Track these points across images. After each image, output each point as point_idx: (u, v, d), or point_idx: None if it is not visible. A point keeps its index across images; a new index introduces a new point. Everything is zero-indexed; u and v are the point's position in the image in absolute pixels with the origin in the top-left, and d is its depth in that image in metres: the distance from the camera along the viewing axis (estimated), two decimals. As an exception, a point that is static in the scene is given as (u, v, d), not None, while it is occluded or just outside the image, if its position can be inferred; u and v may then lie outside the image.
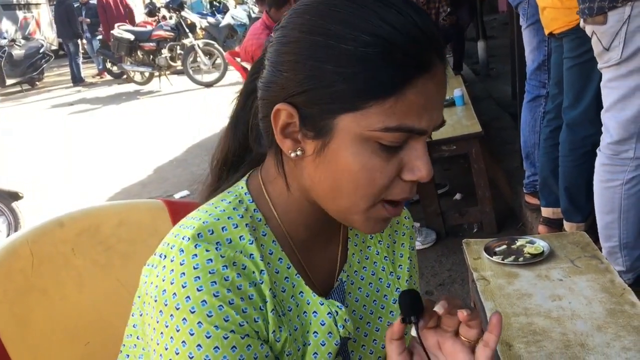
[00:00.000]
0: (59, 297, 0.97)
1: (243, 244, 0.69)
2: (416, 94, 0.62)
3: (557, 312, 1.43)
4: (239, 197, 0.74)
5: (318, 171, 0.68)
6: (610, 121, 2.00)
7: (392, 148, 0.64)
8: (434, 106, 0.65)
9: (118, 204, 1.08)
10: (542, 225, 2.77)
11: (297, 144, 0.68)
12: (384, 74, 0.61)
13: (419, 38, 0.62)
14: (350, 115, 0.63)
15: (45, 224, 0.99)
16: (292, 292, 0.74)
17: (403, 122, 0.63)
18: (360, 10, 0.62)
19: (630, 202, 2.01)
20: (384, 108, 0.62)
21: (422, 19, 0.63)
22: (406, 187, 0.68)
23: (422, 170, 0.66)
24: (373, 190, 0.66)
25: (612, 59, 1.92)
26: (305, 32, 0.64)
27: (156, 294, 0.66)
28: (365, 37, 0.61)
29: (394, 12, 0.62)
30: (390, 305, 0.85)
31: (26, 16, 14.22)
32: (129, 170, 5.22)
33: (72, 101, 9.61)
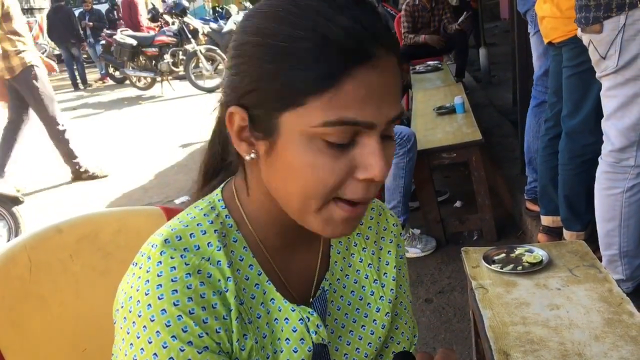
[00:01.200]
0: (57, 304, 0.97)
1: (211, 250, 0.69)
2: (355, 85, 0.61)
3: (555, 322, 1.43)
4: (212, 203, 0.75)
5: (270, 172, 0.68)
6: (611, 129, 2.01)
7: (340, 145, 0.63)
8: (380, 98, 0.63)
9: (117, 211, 1.09)
10: (541, 233, 2.77)
11: (252, 147, 0.68)
12: (318, 68, 0.60)
13: (356, 30, 0.61)
14: (292, 113, 0.63)
15: (43, 230, 0.99)
16: (262, 299, 0.73)
17: (343, 114, 0.61)
18: (301, 10, 0.62)
19: (631, 210, 2.01)
20: (322, 102, 0.61)
21: (365, 13, 0.63)
22: (360, 187, 0.65)
23: (374, 168, 0.63)
24: (323, 190, 0.64)
25: (609, 67, 1.93)
26: (249, 34, 0.65)
27: (123, 301, 0.67)
28: (299, 32, 0.61)
29: (334, 8, 0.62)
30: (374, 313, 0.84)
31: (29, 21, 14.26)
32: (131, 175, 5.22)
33: (75, 106, 9.63)
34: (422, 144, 3.12)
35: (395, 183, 3.04)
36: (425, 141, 3.20)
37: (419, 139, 3.10)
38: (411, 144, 2.98)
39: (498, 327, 1.43)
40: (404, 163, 3.00)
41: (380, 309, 0.85)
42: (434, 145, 3.19)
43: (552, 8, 2.32)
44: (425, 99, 4.36)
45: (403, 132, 2.99)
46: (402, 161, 3.00)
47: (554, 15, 2.32)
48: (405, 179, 3.02)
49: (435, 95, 4.39)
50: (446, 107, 3.79)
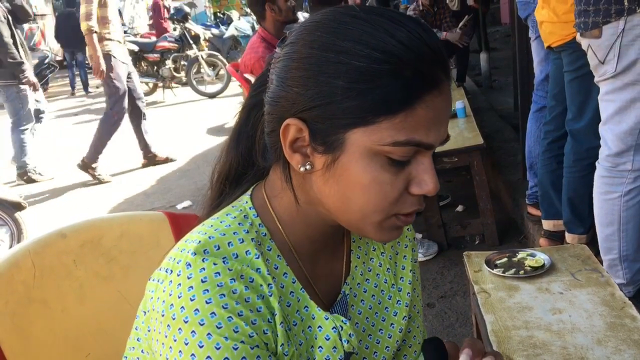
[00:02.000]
0: (61, 309, 0.98)
1: (250, 258, 0.69)
2: (425, 109, 0.64)
3: (557, 326, 1.43)
4: (244, 212, 0.74)
5: (328, 185, 0.69)
6: (608, 134, 2.01)
7: (400, 162, 0.66)
8: (442, 121, 0.67)
9: (120, 216, 1.09)
10: (543, 238, 2.77)
11: (306, 159, 0.69)
12: (395, 90, 0.63)
13: (428, 55, 0.64)
14: (360, 130, 0.64)
15: (47, 235, 0.99)
16: (297, 306, 0.74)
17: (412, 136, 0.64)
18: (371, 28, 0.64)
19: (629, 214, 2.01)
20: (393, 123, 0.64)
21: (430, 37, 0.65)
22: (415, 200, 0.69)
23: (429, 184, 0.68)
24: (384, 204, 0.67)
25: (607, 72, 1.93)
26: (316, 49, 0.65)
27: (163, 309, 0.65)
28: (376, 54, 0.62)
29: (403, 30, 0.64)
30: (391, 317, 0.85)
31: (32, 27, 14.29)
32: (133, 180, 5.23)
33: (77, 111, 9.65)
34: (423, 149, 3.12)
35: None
36: (426, 146, 3.20)
37: (421, 144, 3.10)
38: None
39: (500, 332, 1.43)
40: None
41: (398, 312, 0.86)
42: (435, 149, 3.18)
43: (549, 13, 2.33)
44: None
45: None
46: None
47: (551, 20, 2.34)
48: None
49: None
50: (448, 112, 3.78)
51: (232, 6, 18.03)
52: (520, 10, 2.98)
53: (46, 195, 5.08)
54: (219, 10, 17.97)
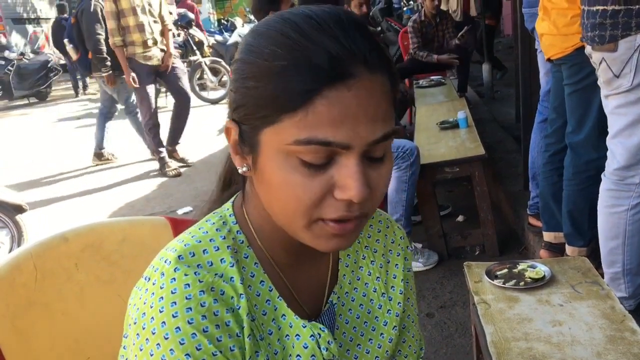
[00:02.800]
0: (61, 312, 0.98)
1: (224, 267, 0.69)
2: (327, 105, 0.60)
3: (557, 338, 1.43)
4: (223, 218, 0.75)
5: (258, 187, 0.69)
6: (617, 147, 2.01)
7: (316, 166, 0.63)
8: (356, 119, 0.61)
9: (122, 220, 1.09)
10: (543, 249, 2.77)
11: (244, 160, 0.69)
12: (292, 86, 0.60)
13: (334, 49, 0.61)
14: (269, 130, 0.63)
15: (49, 238, 1.00)
16: (273, 315, 0.73)
17: (313, 134, 0.60)
18: (285, 26, 0.63)
19: (635, 228, 2.01)
20: (294, 121, 0.61)
21: (349, 33, 0.62)
22: (340, 206, 0.64)
23: (351, 189, 0.62)
24: (300, 208, 0.64)
25: (622, 85, 1.93)
26: (242, 52, 0.67)
27: (136, 317, 0.66)
28: (278, 50, 0.62)
29: (317, 27, 0.62)
30: (381, 327, 0.84)
31: (36, 30, 14.39)
32: (134, 185, 5.23)
33: (79, 115, 9.67)
34: (425, 158, 3.12)
35: (397, 196, 3.04)
36: (428, 155, 3.21)
37: (422, 153, 3.11)
38: (414, 157, 2.98)
39: (500, 343, 1.43)
40: (407, 177, 3.01)
41: (388, 322, 0.85)
42: (436, 159, 3.19)
43: (550, 25, 2.34)
44: (428, 114, 4.37)
45: (406, 146, 2.99)
46: (405, 175, 3.00)
47: (551, 32, 2.34)
48: (407, 192, 3.02)
49: (438, 110, 4.41)
50: (449, 122, 3.80)
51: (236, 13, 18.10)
52: (527, 22, 3.00)
53: (47, 198, 5.08)
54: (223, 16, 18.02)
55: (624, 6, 1.85)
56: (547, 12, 2.35)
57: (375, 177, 0.65)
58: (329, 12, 0.64)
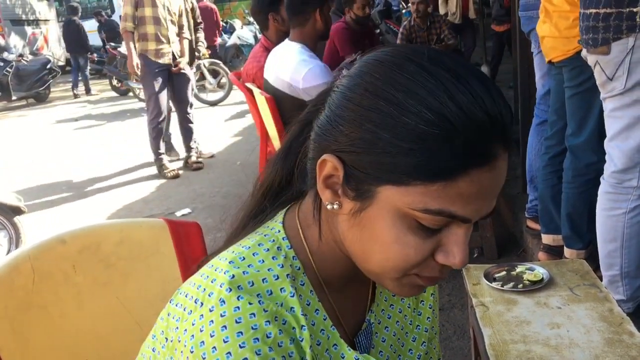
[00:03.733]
0: (59, 314, 0.98)
1: (284, 296, 0.66)
2: (469, 183, 0.59)
3: (555, 340, 1.43)
4: (277, 242, 0.71)
5: (351, 231, 0.66)
6: (614, 150, 2.01)
7: (430, 229, 0.62)
8: (486, 197, 0.61)
9: (120, 222, 1.09)
10: (542, 252, 2.77)
11: (337, 198, 0.66)
12: (439, 158, 0.58)
13: (485, 126, 0.58)
14: (394, 188, 0.61)
15: (47, 240, 0.99)
16: (326, 345, 0.71)
17: (446, 207, 0.60)
18: (431, 83, 0.59)
19: (632, 231, 2.01)
20: (429, 190, 0.59)
21: (494, 101, 0.60)
22: (437, 268, 0.65)
23: (456, 258, 0.63)
24: (404, 265, 0.64)
25: (615, 88, 1.93)
26: (370, 92, 0.62)
27: (192, 345, 0.62)
28: (428, 114, 0.58)
29: (464, 91, 0.59)
30: (410, 343, 0.83)
31: (34, 32, 14.37)
32: (132, 187, 5.23)
33: (77, 117, 9.66)
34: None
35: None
36: (426, 158, 3.20)
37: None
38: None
39: (498, 345, 1.43)
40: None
41: (417, 338, 0.84)
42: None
43: (551, 28, 2.34)
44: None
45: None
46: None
47: (552, 35, 2.34)
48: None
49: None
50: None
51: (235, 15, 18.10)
52: (524, 25, 3.00)
53: (45, 200, 5.07)
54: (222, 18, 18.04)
55: (615, 9, 1.85)
56: (549, 15, 2.35)
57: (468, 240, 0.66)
58: (471, 71, 0.61)
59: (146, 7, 4.94)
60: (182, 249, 1.06)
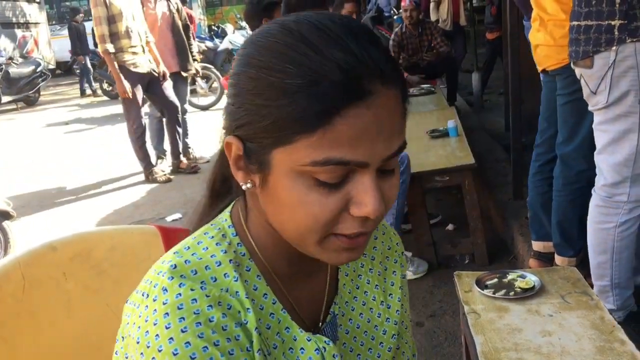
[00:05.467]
0: (49, 322, 0.97)
1: (228, 281, 0.67)
2: (346, 125, 0.58)
3: (547, 348, 1.43)
4: (222, 230, 0.72)
5: (266, 204, 0.67)
6: (603, 164, 2.02)
7: (331, 183, 0.61)
8: (375, 136, 0.60)
9: (111, 229, 1.08)
10: (532, 259, 2.78)
11: (248, 176, 0.67)
12: (307, 107, 0.58)
13: (350, 65, 0.58)
14: (281, 150, 0.61)
15: (37, 247, 0.98)
16: (277, 328, 0.71)
17: (331, 155, 0.59)
18: (294, 40, 0.60)
19: (623, 244, 2.02)
20: (310, 141, 0.59)
21: (362, 45, 0.60)
22: (356, 222, 0.63)
23: (367, 206, 0.61)
24: (316, 226, 0.63)
25: (599, 102, 1.94)
26: (244, 65, 0.64)
27: (138, 336, 0.63)
28: (290, 67, 0.59)
29: (325, 37, 0.60)
30: (380, 336, 0.83)
31: (25, 35, 14.28)
32: (122, 192, 5.20)
33: (68, 120, 9.61)
34: (415, 167, 3.13)
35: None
36: (418, 164, 3.21)
37: (412, 162, 3.11)
38: (404, 166, 2.99)
39: (490, 353, 1.43)
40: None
41: (387, 331, 0.83)
42: (427, 168, 3.19)
43: (546, 36, 2.35)
44: (418, 122, 4.38)
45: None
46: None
47: (547, 43, 2.35)
48: (398, 201, 3.02)
49: (428, 119, 4.42)
50: (439, 131, 3.80)
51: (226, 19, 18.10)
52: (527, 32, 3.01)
53: (34, 205, 5.04)
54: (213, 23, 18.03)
55: (595, 22, 1.86)
56: (544, 24, 2.36)
57: (387, 190, 0.65)
58: (337, 22, 0.62)
59: (119, 22, 4.88)
60: (174, 256, 1.05)
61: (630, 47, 1.83)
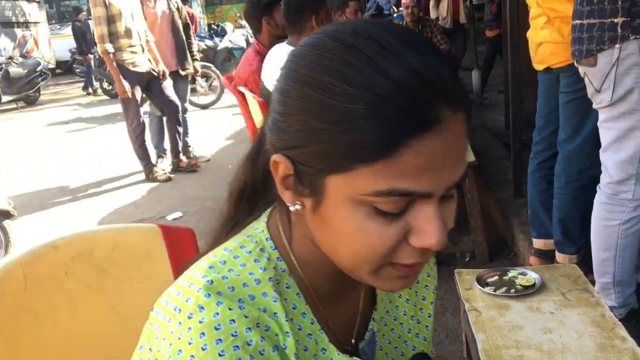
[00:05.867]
0: (51, 321, 0.97)
1: (266, 300, 0.63)
2: (413, 154, 0.54)
3: (547, 345, 1.43)
4: (260, 244, 0.68)
5: (318, 229, 0.63)
6: (608, 161, 2.02)
7: (391, 213, 0.57)
8: (441, 165, 0.56)
9: (113, 228, 1.08)
10: (533, 256, 2.78)
11: (297, 197, 0.63)
12: (371, 135, 0.53)
13: (418, 89, 0.53)
14: (338, 177, 0.57)
15: (39, 247, 0.98)
16: (314, 349, 0.68)
17: (396, 185, 0.55)
18: (354, 58, 0.55)
19: (627, 242, 2.02)
20: (372, 170, 0.54)
21: (427, 63, 0.55)
22: (416, 252, 0.59)
23: (430, 237, 0.57)
24: (373, 256, 0.59)
25: (603, 100, 1.94)
26: (296, 81, 0.59)
27: (170, 354, 0.59)
28: (353, 90, 0.54)
29: (389, 57, 0.55)
30: (410, 352, 0.81)
31: (25, 34, 14.28)
32: (123, 191, 5.21)
33: (68, 120, 9.61)
34: (415, 165, 3.12)
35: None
36: (418, 162, 3.20)
37: (413, 160, 3.10)
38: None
39: (491, 350, 1.43)
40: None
41: (416, 347, 0.81)
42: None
43: (553, 33, 2.33)
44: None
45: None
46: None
47: (554, 40, 2.33)
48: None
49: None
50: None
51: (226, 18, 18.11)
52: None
53: (34, 204, 5.04)
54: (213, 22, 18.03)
55: (598, 20, 1.86)
56: (550, 21, 2.34)
57: (448, 216, 0.61)
58: (398, 36, 0.57)
59: (118, 22, 4.87)
60: (175, 254, 1.05)
61: (634, 45, 1.82)
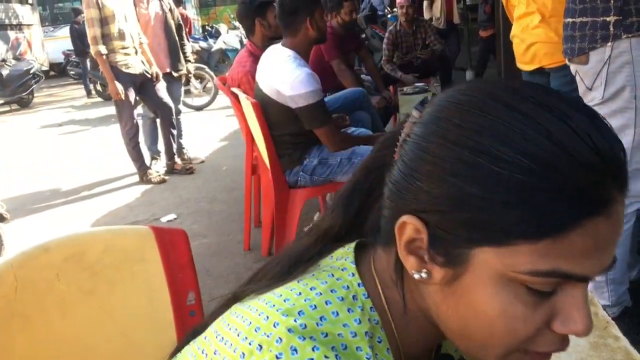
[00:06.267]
0: (42, 324, 0.96)
1: (360, 355, 0.57)
2: (583, 235, 0.49)
3: (541, 345, 1.43)
4: (352, 290, 0.61)
5: (445, 304, 0.57)
6: None
7: (542, 293, 0.52)
8: (604, 248, 0.51)
9: (105, 230, 1.08)
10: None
11: (423, 265, 0.57)
12: (543, 211, 0.49)
13: (596, 167, 0.49)
14: (492, 250, 0.51)
15: (30, 249, 0.98)
16: None
17: (559, 266, 0.50)
18: (522, 123, 0.50)
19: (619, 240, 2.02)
20: (536, 247, 0.50)
21: (602, 136, 0.50)
22: (556, 339, 0.54)
23: (578, 324, 0.52)
24: (511, 341, 0.54)
25: (595, 98, 1.95)
26: (450, 140, 0.53)
27: None
28: (523, 160, 0.49)
29: (564, 127, 0.49)
30: None
31: (18, 36, 14.22)
32: (116, 193, 5.19)
33: (61, 122, 9.58)
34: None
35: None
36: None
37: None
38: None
39: (485, 350, 1.43)
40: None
41: None
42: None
43: (549, 33, 2.33)
44: (412, 121, 4.39)
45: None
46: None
47: (550, 40, 2.33)
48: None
49: (422, 117, 4.42)
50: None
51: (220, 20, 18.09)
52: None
53: (27, 207, 5.02)
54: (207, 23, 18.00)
55: (590, 18, 1.86)
56: (545, 20, 2.35)
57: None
58: (575, 107, 0.52)
59: (111, 24, 4.84)
60: (168, 256, 1.05)
61: (626, 43, 1.83)
